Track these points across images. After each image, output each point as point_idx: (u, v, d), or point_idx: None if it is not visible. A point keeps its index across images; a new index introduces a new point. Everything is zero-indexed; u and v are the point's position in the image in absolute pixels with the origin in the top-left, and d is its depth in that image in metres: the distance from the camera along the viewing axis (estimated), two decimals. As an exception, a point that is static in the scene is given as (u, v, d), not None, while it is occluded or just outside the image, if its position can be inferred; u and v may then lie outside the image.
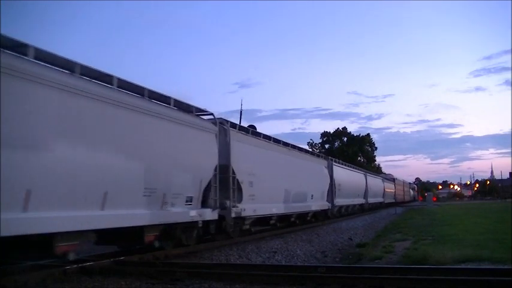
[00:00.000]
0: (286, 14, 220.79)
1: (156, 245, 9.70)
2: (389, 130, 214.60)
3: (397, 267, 8.26)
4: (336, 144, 78.16)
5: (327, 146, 77.49)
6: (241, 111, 33.61)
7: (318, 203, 21.20)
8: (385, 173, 64.04)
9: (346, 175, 27.90)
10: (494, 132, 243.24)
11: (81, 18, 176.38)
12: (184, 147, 10.36)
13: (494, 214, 27.33)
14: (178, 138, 10.15)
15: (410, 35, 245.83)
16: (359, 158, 75.05)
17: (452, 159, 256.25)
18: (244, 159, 13.22)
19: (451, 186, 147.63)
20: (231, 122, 13.39)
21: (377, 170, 67.42)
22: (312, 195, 20.04)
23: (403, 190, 65.55)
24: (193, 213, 10.57)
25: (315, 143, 77.36)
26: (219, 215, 11.78)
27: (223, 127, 12.54)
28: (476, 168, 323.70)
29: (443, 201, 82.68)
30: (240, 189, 12.77)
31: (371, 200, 37.27)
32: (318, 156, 24.64)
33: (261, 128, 17.01)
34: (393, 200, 52.54)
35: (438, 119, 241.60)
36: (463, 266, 8.66)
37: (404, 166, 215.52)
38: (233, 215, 12.24)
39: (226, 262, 10.07)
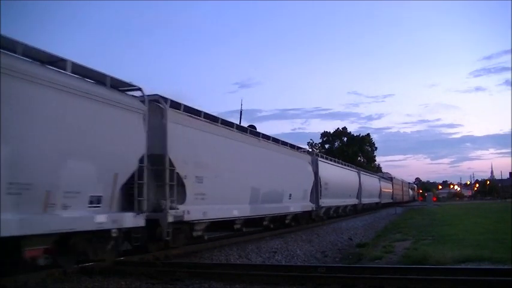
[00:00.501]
0: (286, 14, 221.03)
1: (42, 263, 7.05)
2: (390, 130, 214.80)
3: (397, 267, 8.26)
4: (336, 144, 78.20)
5: (327, 146, 77.53)
6: (241, 111, 33.61)
7: (299, 204, 18.26)
8: (382, 172, 62.57)
9: (334, 172, 25.00)
10: (494, 132, 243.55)
11: (81, 18, 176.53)
12: (88, 129, 7.69)
13: (494, 214, 27.32)
14: (76, 115, 7.46)
15: (410, 35, 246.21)
16: (359, 158, 75.07)
17: (452, 159, 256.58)
18: (189, 147, 10.53)
19: (451, 186, 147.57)
20: (173, 101, 10.31)
21: (377, 170, 67.39)
22: (290, 195, 17.22)
23: (402, 190, 63.17)
24: (102, 219, 7.87)
25: (315, 143, 77.48)
26: (152, 220, 9.22)
27: (157, 106, 9.89)
28: (476, 168, 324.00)
29: (443, 201, 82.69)
30: (182, 186, 10.13)
31: (365, 200, 34.45)
32: (300, 150, 20.70)
33: (261, 128, 16.79)
34: (391, 200, 50.20)
35: (438, 119, 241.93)
36: (463, 266, 8.66)
37: (404, 166, 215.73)
38: (170, 219, 9.54)
39: (226, 262, 10.08)
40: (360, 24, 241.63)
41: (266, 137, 16.13)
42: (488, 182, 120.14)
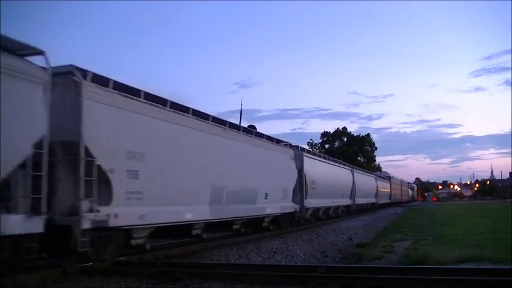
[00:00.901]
0: (286, 14, 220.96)
1: None
2: (390, 130, 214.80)
3: (397, 267, 8.26)
4: (336, 144, 78.23)
5: (327, 146, 77.55)
6: (241, 111, 33.56)
7: (277, 205, 15.89)
8: (380, 171, 60.89)
9: (323, 170, 22.31)
10: (494, 132, 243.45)
11: (81, 18, 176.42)
12: None
13: (494, 214, 27.33)
14: None
15: (410, 35, 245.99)
16: (359, 158, 75.07)
17: (452, 159, 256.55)
18: (120, 134, 8.43)
19: (451, 186, 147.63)
20: (97, 75, 8.30)
21: (377, 170, 67.31)
22: (266, 194, 14.79)
23: (401, 190, 61.05)
24: None
25: (315, 143, 77.51)
26: (64, 226, 7.34)
27: (71, 79, 7.78)
28: (476, 168, 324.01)
29: (443, 201, 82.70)
30: (107, 183, 8.02)
31: (360, 201, 31.80)
32: (281, 143, 17.85)
33: (261, 128, 16.61)
34: (389, 201, 47.88)
35: (438, 119, 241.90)
36: (463, 266, 8.66)
37: (404, 166, 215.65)
38: (87, 225, 7.47)
39: (226, 262, 10.09)
40: (360, 24, 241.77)
41: (235, 127, 13.84)
42: (488, 182, 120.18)
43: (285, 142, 18.48)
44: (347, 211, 28.66)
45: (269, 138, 16.62)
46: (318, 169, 21.36)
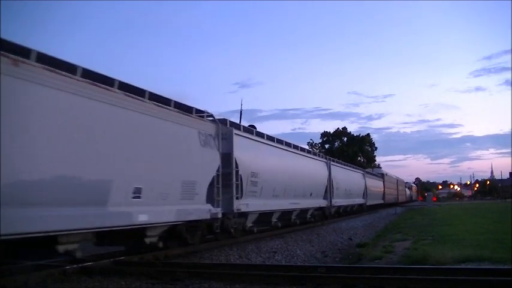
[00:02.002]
0: (286, 14, 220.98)
1: None
2: (390, 130, 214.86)
3: (397, 267, 8.25)
4: (336, 144, 78.25)
5: (327, 146, 77.58)
6: (241, 111, 33.37)
7: (162, 210, 9.48)
8: (372, 167, 54.67)
9: (272, 157, 15.57)
10: (494, 132, 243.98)
11: (81, 18, 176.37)
12: None
13: (494, 214, 27.33)
14: None
15: (411, 35, 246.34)
16: (359, 158, 75.08)
17: (452, 159, 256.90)
18: None
19: (451, 186, 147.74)
20: None
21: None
22: (138, 191, 8.66)
23: (397, 189, 55.71)
24: None
25: (315, 143, 77.54)
26: None
27: None
28: (476, 168, 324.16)
29: (443, 201, 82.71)
30: None
31: (340, 202, 25.42)
32: (191, 114, 11.05)
33: (261, 128, 16.12)
34: (381, 201, 42.47)
35: (438, 119, 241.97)
36: (463, 266, 8.66)
37: (404, 166, 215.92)
38: None
39: (226, 262, 10.08)
40: (360, 24, 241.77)
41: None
42: (488, 182, 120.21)
43: (202, 112, 11.60)
44: (321, 215, 22.34)
45: (163, 102, 9.80)
46: (262, 155, 14.59)
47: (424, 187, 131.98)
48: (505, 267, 7.94)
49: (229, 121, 13.08)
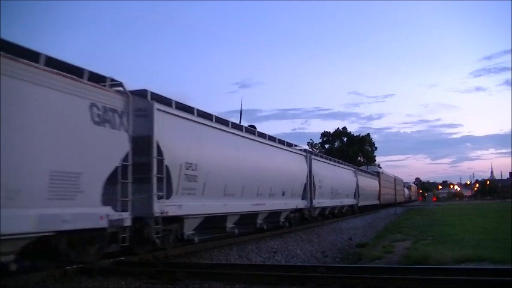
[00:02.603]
0: (286, 14, 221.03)
1: None
2: (390, 130, 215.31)
3: (397, 267, 8.27)
4: (336, 144, 78.26)
5: (327, 146, 77.61)
6: (241, 111, 33.38)
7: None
8: (367, 165, 50.06)
9: (223, 148, 12.27)
10: (494, 132, 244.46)
11: (82, 19, 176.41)
12: None
13: (494, 214, 27.33)
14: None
15: (411, 35, 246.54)
16: (359, 158, 75.07)
17: (452, 159, 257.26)
18: None
19: (451, 186, 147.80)
20: None
21: (377, 170, 66.97)
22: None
23: (394, 189, 52.66)
24: None
25: (315, 143, 77.58)
26: None
27: None
28: (476, 168, 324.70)
29: (443, 201, 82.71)
30: None
31: (324, 202, 21.89)
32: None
33: (261, 128, 16.05)
34: (376, 202, 39.20)
35: (438, 119, 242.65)
36: (463, 266, 8.66)
37: (404, 166, 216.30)
38: None
39: (226, 262, 10.08)
40: (361, 24, 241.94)
41: None
42: (488, 182, 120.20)
43: (104, 78, 8.51)
44: (299, 218, 19.02)
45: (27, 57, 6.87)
46: (206, 142, 11.31)
47: (424, 187, 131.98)
48: (505, 267, 7.94)
49: (152, 93, 9.71)
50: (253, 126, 17.75)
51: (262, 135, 15.47)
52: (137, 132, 8.81)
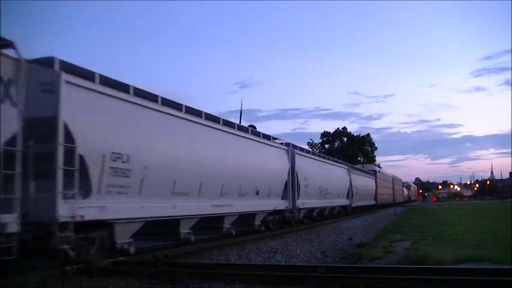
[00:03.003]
0: (286, 14, 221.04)
1: None
2: (390, 130, 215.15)
3: (397, 267, 8.27)
4: (336, 144, 78.33)
5: (327, 146, 77.68)
6: (241, 111, 33.36)
7: None
8: (363, 164, 49.09)
9: (189, 139, 10.75)
10: (494, 132, 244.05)
11: (82, 19, 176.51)
12: None
13: (494, 214, 27.33)
14: None
15: (411, 35, 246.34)
16: (359, 158, 75.12)
17: (452, 159, 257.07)
18: None
19: (451, 186, 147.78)
20: None
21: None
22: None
23: (393, 188, 50.56)
24: None
25: (315, 143, 77.64)
26: None
27: None
28: (476, 168, 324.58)
29: (443, 201, 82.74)
30: None
31: (311, 203, 19.85)
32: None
33: (261, 128, 15.88)
34: (372, 202, 37.42)
35: (438, 119, 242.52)
36: (463, 266, 8.66)
37: (404, 166, 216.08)
38: None
39: (226, 262, 10.08)
40: (361, 24, 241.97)
41: None
42: (488, 182, 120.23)
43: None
44: (279, 221, 16.85)
45: None
46: (145, 128, 9.26)
47: (424, 187, 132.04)
48: (505, 267, 7.94)
49: (61, 62, 7.63)
50: (254, 127, 17.75)
51: (229, 123, 13.24)
52: (41, 112, 7.09)
